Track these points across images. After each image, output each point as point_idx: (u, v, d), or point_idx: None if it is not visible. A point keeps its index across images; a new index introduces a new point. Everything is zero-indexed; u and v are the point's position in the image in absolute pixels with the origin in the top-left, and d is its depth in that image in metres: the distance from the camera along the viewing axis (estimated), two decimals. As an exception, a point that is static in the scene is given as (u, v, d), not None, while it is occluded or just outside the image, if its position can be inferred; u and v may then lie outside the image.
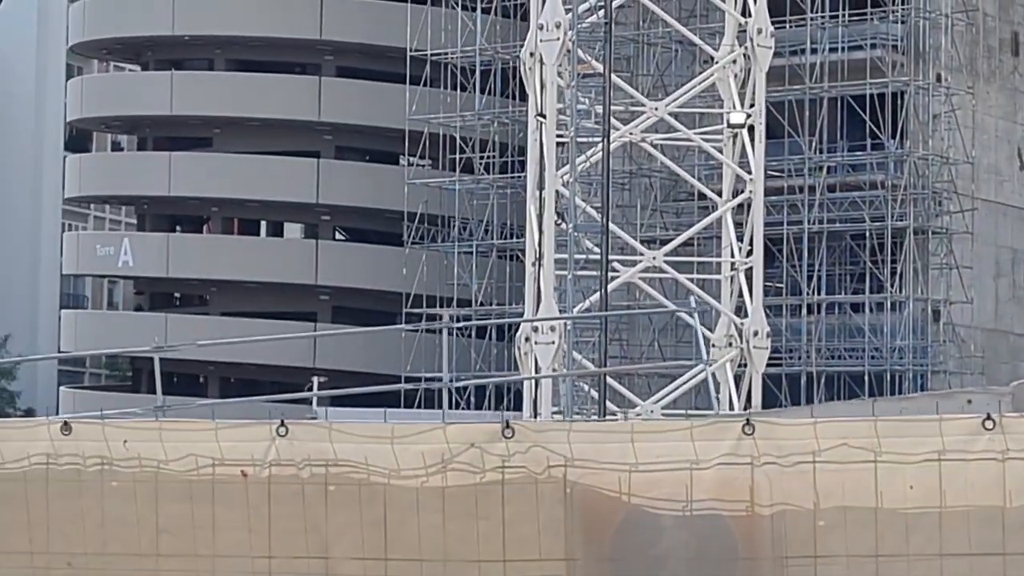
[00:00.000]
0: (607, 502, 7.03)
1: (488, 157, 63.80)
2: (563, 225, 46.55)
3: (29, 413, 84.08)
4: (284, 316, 74.07)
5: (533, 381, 47.24)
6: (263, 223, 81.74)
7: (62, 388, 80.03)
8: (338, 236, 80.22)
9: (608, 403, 45.37)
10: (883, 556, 7.82)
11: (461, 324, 54.86)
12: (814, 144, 57.93)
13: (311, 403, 54.09)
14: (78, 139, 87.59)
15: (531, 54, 48.11)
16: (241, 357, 69.27)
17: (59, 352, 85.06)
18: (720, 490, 7.46)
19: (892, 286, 58.79)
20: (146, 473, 8.46)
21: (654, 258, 48.24)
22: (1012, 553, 7.27)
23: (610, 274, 46.25)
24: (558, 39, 46.22)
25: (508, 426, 7.61)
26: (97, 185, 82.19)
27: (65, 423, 8.92)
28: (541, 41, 47.05)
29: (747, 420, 7.60)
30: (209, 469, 8.39)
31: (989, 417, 7.08)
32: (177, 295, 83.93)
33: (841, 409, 27.69)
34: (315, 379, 60.18)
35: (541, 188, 47.21)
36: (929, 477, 7.72)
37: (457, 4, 64.76)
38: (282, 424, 8.60)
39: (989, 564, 7.46)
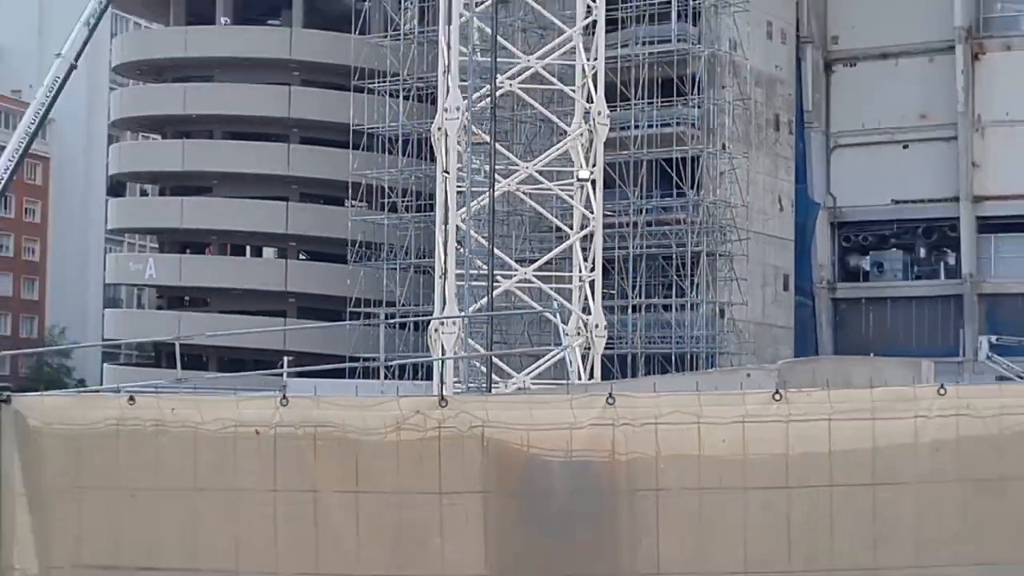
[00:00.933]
0: (513, 452, 7.18)
1: (408, 201, 63.19)
2: (461, 249, 46.56)
3: (81, 383, 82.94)
4: (263, 313, 74.11)
5: (441, 360, 46.58)
6: (248, 247, 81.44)
7: (105, 365, 79.75)
8: (301, 256, 78.98)
9: (494, 375, 45.01)
10: (704, 488, 7.94)
11: (393, 320, 55.11)
12: (637, 192, 57.31)
13: (282, 376, 53.78)
14: (117, 187, 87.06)
15: (439, 128, 47.80)
16: (233, 343, 68.60)
17: (103, 339, 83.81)
18: (591, 443, 7.58)
19: (691, 292, 58.44)
20: (187, 431, 8.61)
21: (526, 273, 47.94)
22: (794, 487, 7.33)
23: (494, 284, 45.74)
24: (457, 118, 46.20)
25: (443, 399, 7.79)
26: (130, 220, 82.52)
27: (131, 396, 9.03)
28: (446, 119, 46.97)
29: (610, 394, 7.75)
30: (232, 428, 8.58)
31: (778, 392, 7.21)
32: (187, 299, 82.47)
33: (669, 382, 27.36)
34: (285, 359, 59.62)
35: (445, 223, 47.33)
36: (736, 434, 7.82)
37: (386, 92, 64.01)
38: (284, 396, 8.74)
39: (779, 495, 7.50)
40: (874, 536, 7.29)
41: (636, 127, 57.25)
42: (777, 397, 7.09)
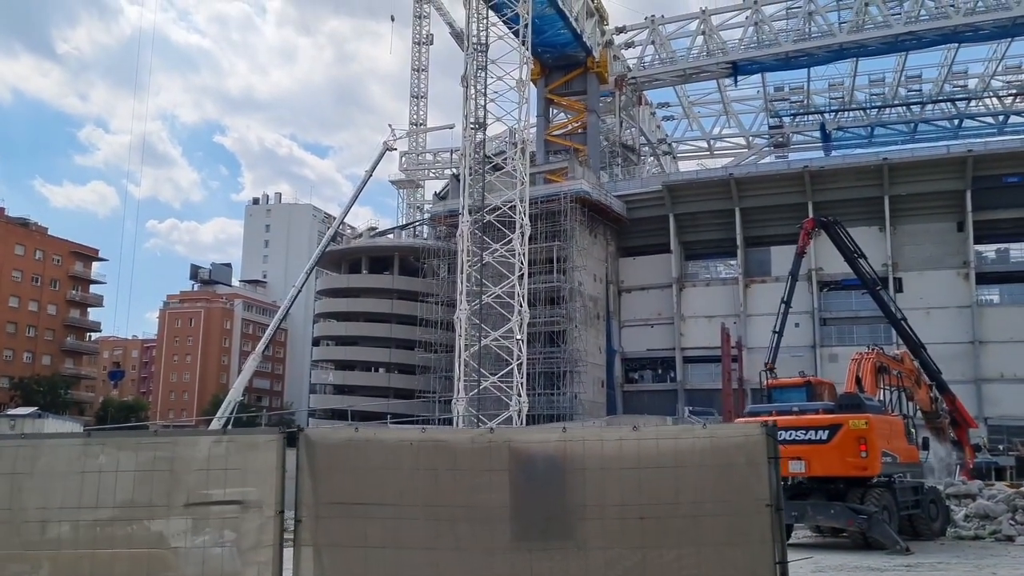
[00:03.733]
0: (521, 451, 6.19)
1: (439, 346, 59.36)
2: (465, 367, 43.92)
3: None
4: (377, 395, 70.08)
5: (457, 418, 43.21)
6: (372, 367, 74.29)
7: (310, 419, 71.95)
8: (395, 371, 71.84)
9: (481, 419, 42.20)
10: (603, 468, 5.99)
11: (433, 396, 50.45)
12: (539, 344, 55.67)
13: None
14: (315, 341, 79.92)
15: (456, 317, 44.23)
16: (366, 409, 66.24)
17: (308, 407, 79.18)
18: (554, 447, 6.24)
19: (563, 388, 56.34)
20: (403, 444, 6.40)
21: (494, 379, 43.53)
22: (640, 467, 5.95)
23: (481, 382, 43.14)
24: (466, 311, 43.55)
25: (492, 429, 6.50)
26: (321, 355, 77.63)
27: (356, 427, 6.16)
28: (458, 312, 43.73)
29: (563, 427, 6.64)
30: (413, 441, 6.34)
31: (635, 426, 5.81)
32: (345, 388, 75.75)
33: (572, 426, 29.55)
34: (388, 417, 60.98)
35: (459, 358, 43.40)
36: (616, 445, 6.01)
37: (434, 302, 61.85)
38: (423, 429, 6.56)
39: (632, 471, 5.91)
40: (657, 480, 5.94)
41: (539, 317, 54.14)
42: (635, 428, 6.02)
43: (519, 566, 5.79)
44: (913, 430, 19.45)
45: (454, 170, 78.51)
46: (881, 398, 19.03)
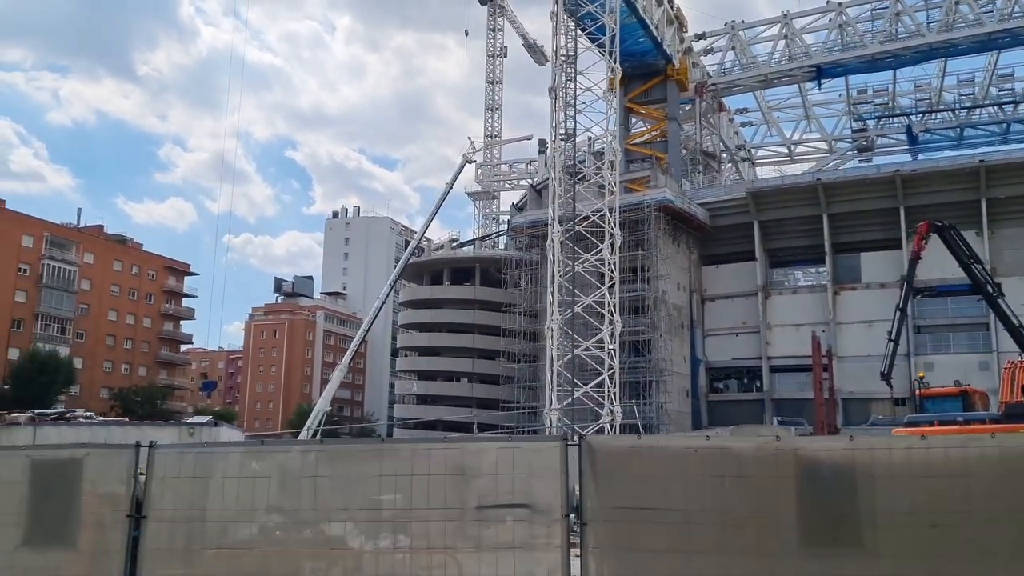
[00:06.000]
0: (808, 457, 6.04)
1: (523, 356, 61.31)
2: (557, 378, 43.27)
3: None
4: (460, 406, 70.12)
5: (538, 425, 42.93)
6: (454, 378, 74.47)
7: (395, 429, 73.81)
8: (477, 382, 72.43)
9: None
10: (894, 475, 6.07)
11: (520, 408, 51.41)
12: (625, 355, 56.95)
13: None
14: (395, 352, 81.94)
15: (548, 328, 45.46)
16: (451, 418, 67.79)
17: (392, 418, 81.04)
18: (841, 455, 6.11)
19: (649, 397, 55.79)
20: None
21: (586, 388, 42.10)
22: (930, 476, 5.90)
23: (575, 390, 41.95)
24: (557, 320, 42.84)
25: (778, 437, 6.13)
26: (405, 365, 78.28)
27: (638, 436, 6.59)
28: (550, 323, 44.54)
29: (851, 436, 6.31)
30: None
31: (924, 437, 5.74)
32: (427, 399, 77.34)
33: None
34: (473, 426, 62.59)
35: (550, 368, 42.37)
36: (904, 452, 6.08)
37: (516, 312, 62.84)
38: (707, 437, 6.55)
39: (919, 479, 5.94)
40: (946, 488, 5.86)
41: (623, 327, 49.49)
42: (922, 438, 5.82)
43: (809, 571, 5.89)
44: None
45: (530, 181, 78.65)
46: (1038, 407, 18.43)
